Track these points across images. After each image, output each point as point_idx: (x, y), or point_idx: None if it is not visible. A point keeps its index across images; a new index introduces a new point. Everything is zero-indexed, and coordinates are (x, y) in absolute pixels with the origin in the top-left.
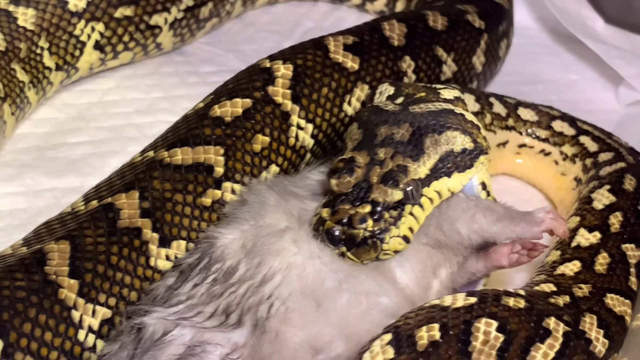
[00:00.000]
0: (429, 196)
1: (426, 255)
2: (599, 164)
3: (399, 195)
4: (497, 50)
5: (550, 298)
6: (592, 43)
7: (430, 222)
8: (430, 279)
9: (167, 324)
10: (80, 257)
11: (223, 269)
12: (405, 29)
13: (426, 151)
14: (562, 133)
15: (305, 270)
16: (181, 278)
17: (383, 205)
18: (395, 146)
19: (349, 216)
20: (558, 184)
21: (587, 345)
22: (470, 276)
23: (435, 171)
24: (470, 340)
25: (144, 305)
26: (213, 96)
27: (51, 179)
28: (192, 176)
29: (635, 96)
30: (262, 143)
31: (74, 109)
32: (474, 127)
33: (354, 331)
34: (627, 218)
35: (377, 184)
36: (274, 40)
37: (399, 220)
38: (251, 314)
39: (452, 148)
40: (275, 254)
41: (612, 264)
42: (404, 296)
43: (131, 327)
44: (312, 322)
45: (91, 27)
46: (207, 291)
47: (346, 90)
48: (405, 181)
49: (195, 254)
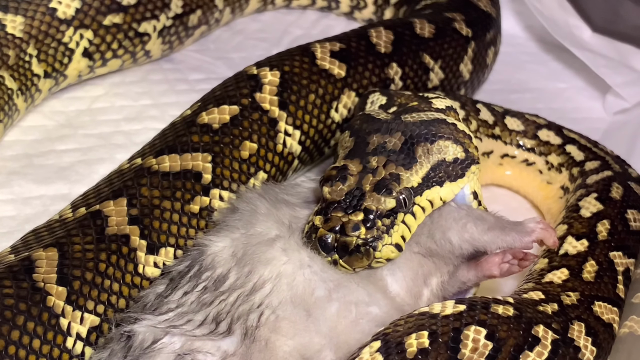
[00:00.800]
0: (421, 205)
1: (417, 264)
2: (585, 172)
3: (392, 204)
4: (484, 58)
5: (539, 306)
6: (580, 52)
7: (422, 231)
8: (421, 288)
9: (156, 332)
10: (68, 264)
11: (213, 277)
12: (392, 36)
13: (418, 160)
14: (549, 142)
15: (295, 279)
16: (171, 286)
17: (376, 213)
18: (388, 154)
19: (342, 224)
20: (544, 192)
21: (576, 353)
22: (460, 285)
23: (427, 180)
24: (460, 348)
25: (134, 313)
26: (200, 103)
27: (39, 186)
28: (180, 183)
29: (622, 104)
30: (249, 150)
31: (63, 117)
32: (466, 137)
33: (343, 340)
34: (614, 226)
35: (370, 192)
36: (262, 48)
37: (392, 229)
38: (241, 323)
39: (444, 157)
40: (266, 262)
41: (600, 271)
42: (394, 305)
43: (121, 335)
44: (302, 331)
45: (80, 34)
46: (197, 299)
47: (333, 96)
48: (398, 189)
49: (185, 261)
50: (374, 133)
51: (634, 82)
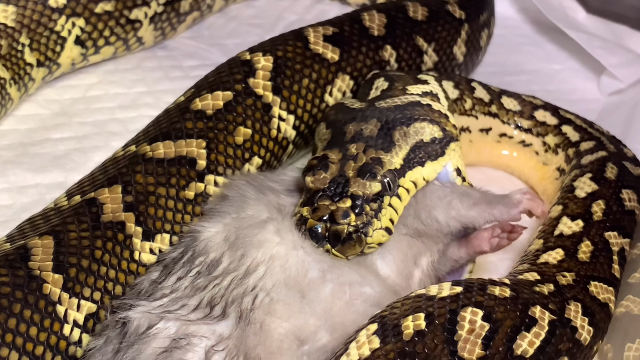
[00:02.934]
0: (405, 186)
1: (406, 246)
2: (580, 153)
3: (378, 187)
4: (478, 40)
5: (535, 287)
6: (574, 33)
7: (408, 213)
8: (411, 269)
9: (151, 318)
10: (64, 252)
11: (207, 262)
12: (385, 20)
13: (397, 143)
14: (545, 123)
15: (289, 261)
16: (165, 272)
17: (363, 199)
18: (366, 141)
19: (331, 212)
20: (540, 173)
21: (573, 333)
22: (453, 264)
23: (409, 161)
24: (456, 330)
25: (128, 300)
26: (194, 89)
27: (35, 174)
28: (175, 169)
29: (617, 85)
30: (244, 135)
31: (57, 105)
32: (442, 117)
33: (339, 321)
34: (609, 206)
35: (354, 178)
36: (256, 34)
37: (380, 213)
38: (235, 306)
39: (421, 138)
40: (258, 245)
41: (595, 251)
42: (386, 286)
43: (116, 322)
44: (297, 313)
45: (72, 22)
46: (191, 284)
47: (327, 81)
48: (382, 172)
49: (179, 248)
50: (350, 122)
51: (629, 62)
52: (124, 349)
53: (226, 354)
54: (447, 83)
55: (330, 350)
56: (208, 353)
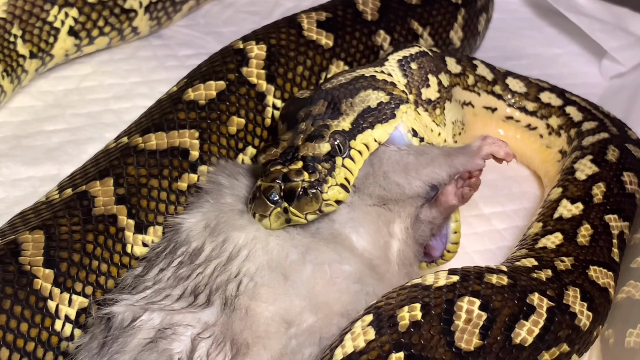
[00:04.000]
0: (357, 148)
1: (376, 215)
2: (582, 133)
3: (327, 147)
4: (475, 25)
5: (533, 273)
6: (575, 16)
7: (369, 182)
8: (387, 238)
9: (135, 310)
10: (55, 246)
11: (188, 252)
12: (379, 3)
13: (344, 113)
14: (550, 104)
15: (269, 243)
16: (148, 266)
17: (314, 159)
18: (314, 118)
19: (284, 173)
20: (543, 156)
21: (572, 319)
22: (430, 226)
23: (358, 125)
24: (453, 320)
25: (112, 295)
26: (186, 80)
27: (28, 167)
28: (167, 161)
29: (619, 69)
30: (237, 125)
31: (51, 96)
32: (387, 84)
33: (322, 300)
34: (610, 189)
35: (304, 144)
36: (253, 21)
37: (334, 171)
38: (220, 293)
39: (368, 105)
40: (240, 228)
41: (595, 235)
42: (363, 261)
43: (100, 318)
44: (281, 295)
45: (65, 12)
46: (174, 274)
47: (321, 67)
48: (329, 133)
49: (163, 242)
50: (300, 110)
51: (630, 45)
52: (109, 343)
53: (212, 341)
54: (450, 59)
55: (317, 331)
56: (194, 341)
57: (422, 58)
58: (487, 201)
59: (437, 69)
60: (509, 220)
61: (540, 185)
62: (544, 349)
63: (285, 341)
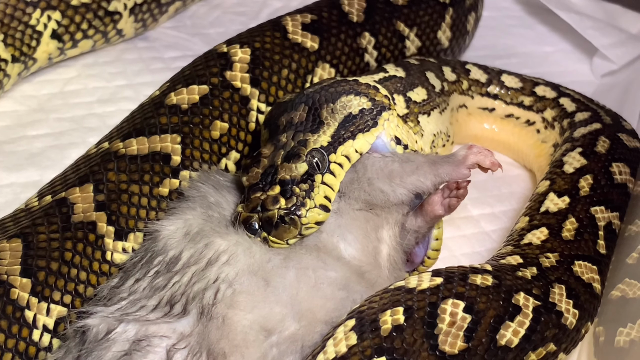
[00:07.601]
0: (337, 162)
1: (364, 221)
2: (574, 124)
3: (304, 167)
4: (464, 24)
5: (518, 271)
6: (566, 14)
7: (355, 187)
8: (376, 244)
9: (110, 322)
10: (32, 255)
11: (165, 261)
12: (364, 4)
13: (325, 122)
14: (545, 97)
15: (252, 247)
16: (124, 277)
17: (292, 182)
18: (295, 127)
19: (262, 202)
20: (537, 151)
21: (558, 318)
22: (416, 235)
23: (339, 137)
24: (437, 323)
25: (86, 308)
26: (169, 84)
27: (10, 173)
28: (149, 166)
29: (610, 66)
30: (220, 129)
31: (35, 101)
32: (370, 88)
33: (306, 307)
34: (597, 180)
35: (282, 164)
36: (240, 22)
37: (312, 192)
38: (197, 302)
39: (350, 112)
40: (224, 235)
41: (580, 228)
42: (351, 268)
43: (75, 332)
44: (260, 303)
45: (47, 16)
46: (150, 284)
47: (307, 70)
48: (306, 152)
49: (140, 252)
50: (281, 115)
51: (621, 42)
52: (83, 356)
53: (188, 352)
54: (446, 68)
55: (299, 339)
56: (169, 352)
57: (386, 82)
58: (476, 203)
59: (404, 88)
60: (497, 222)
61: (530, 185)
62: (530, 350)
63: (265, 349)
